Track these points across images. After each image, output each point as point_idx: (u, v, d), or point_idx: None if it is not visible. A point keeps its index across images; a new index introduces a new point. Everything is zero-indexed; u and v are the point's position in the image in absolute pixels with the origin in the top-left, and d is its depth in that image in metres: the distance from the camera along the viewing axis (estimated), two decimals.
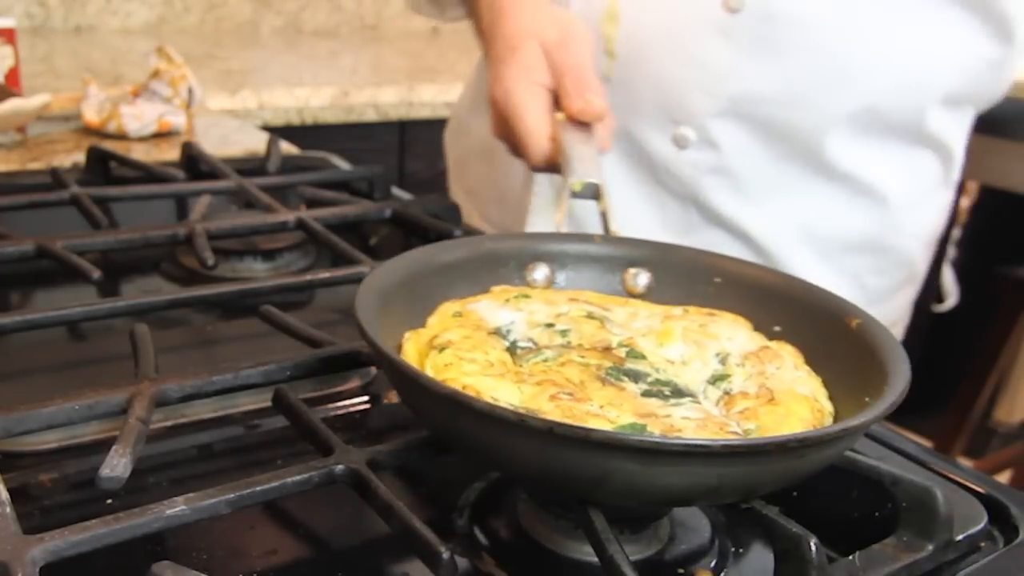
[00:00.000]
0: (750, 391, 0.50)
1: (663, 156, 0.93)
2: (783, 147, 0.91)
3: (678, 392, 0.49)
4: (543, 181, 0.98)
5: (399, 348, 0.51)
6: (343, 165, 1.06)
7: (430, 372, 0.48)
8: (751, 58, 0.88)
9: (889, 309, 1.03)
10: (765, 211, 0.94)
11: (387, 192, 0.97)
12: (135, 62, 1.78)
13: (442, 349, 0.49)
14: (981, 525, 0.48)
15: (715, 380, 0.52)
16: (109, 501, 0.48)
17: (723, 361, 0.53)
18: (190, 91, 1.20)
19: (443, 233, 0.82)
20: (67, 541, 0.39)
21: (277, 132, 1.25)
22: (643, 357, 0.52)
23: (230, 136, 1.21)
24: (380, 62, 2.12)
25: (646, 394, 0.48)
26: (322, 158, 1.08)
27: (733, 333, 0.56)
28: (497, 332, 0.53)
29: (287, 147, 1.10)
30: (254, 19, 2.37)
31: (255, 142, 1.18)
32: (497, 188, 1.08)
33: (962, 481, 0.51)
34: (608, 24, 0.92)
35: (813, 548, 0.40)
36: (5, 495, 0.42)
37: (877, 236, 0.98)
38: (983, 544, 0.48)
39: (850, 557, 0.44)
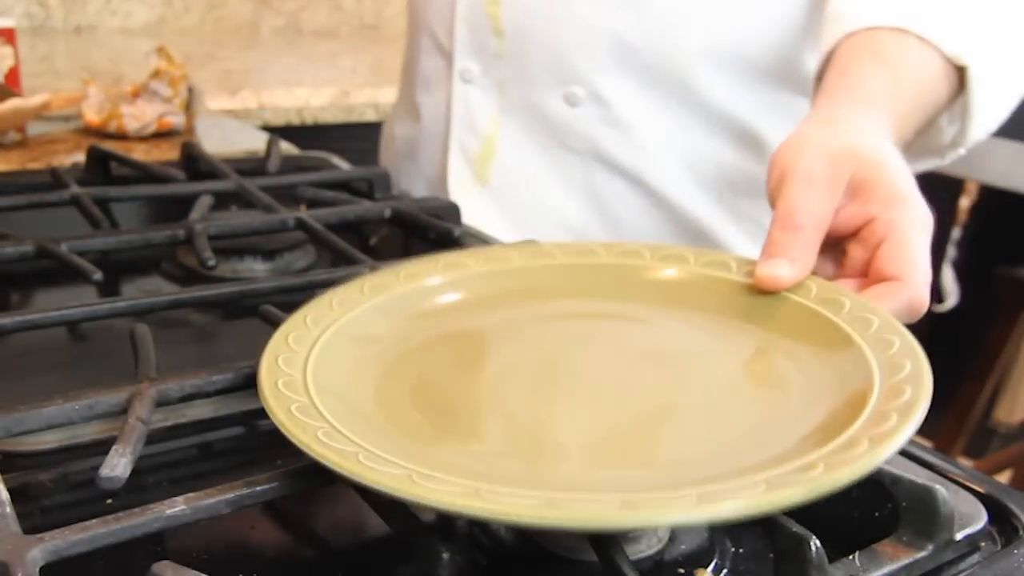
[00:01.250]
0: None
1: (559, 117, 1.00)
2: (662, 92, 0.97)
3: None
4: (457, 169, 1.06)
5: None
6: (343, 165, 1.06)
7: None
8: (616, 9, 0.94)
9: None
10: (658, 159, 1.00)
11: (387, 192, 0.97)
12: (135, 62, 1.77)
13: None
14: (981, 525, 0.48)
15: None
16: (109, 501, 0.48)
17: None
18: (190, 91, 1.20)
19: (443, 233, 0.82)
20: (67, 541, 0.39)
21: (277, 132, 1.25)
22: None
23: (230, 136, 1.21)
24: (380, 62, 2.12)
25: None
26: (322, 158, 1.08)
27: None
28: None
29: (287, 147, 1.10)
30: (254, 19, 2.37)
31: (255, 142, 1.18)
32: (421, 181, 1.15)
33: (962, 481, 0.51)
34: (491, 5, 1.00)
35: (813, 548, 0.40)
36: (5, 495, 0.42)
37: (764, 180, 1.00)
38: (983, 544, 0.48)
39: (850, 557, 0.44)
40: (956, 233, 2.18)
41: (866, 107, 0.69)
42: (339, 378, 0.50)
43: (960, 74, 0.78)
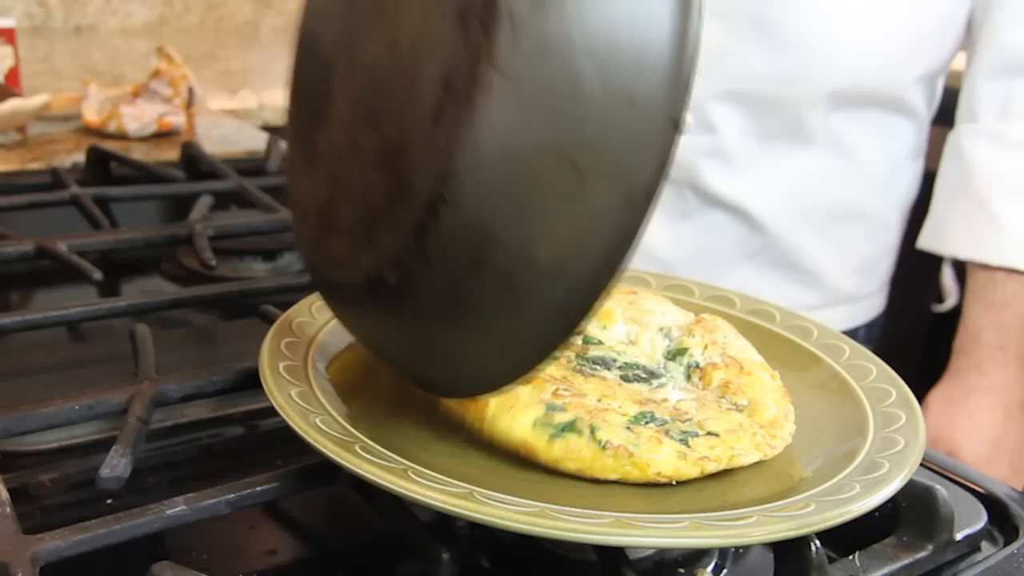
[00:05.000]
0: (716, 362, 0.51)
1: None
2: (772, 123, 0.96)
3: (652, 374, 0.50)
4: None
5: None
6: None
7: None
8: (746, 39, 0.92)
9: (873, 277, 1.09)
10: (758, 187, 0.99)
11: None
12: (135, 62, 1.77)
13: None
14: (981, 525, 0.48)
15: (673, 356, 0.52)
16: (109, 501, 0.48)
17: (668, 335, 0.53)
18: (190, 91, 1.20)
19: None
20: (67, 541, 0.39)
21: (277, 132, 1.25)
22: (600, 342, 0.52)
23: (230, 136, 1.21)
24: None
25: (625, 379, 0.48)
26: None
27: (663, 308, 0.56)
28: None
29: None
30: (254, 19, 2.37)
31: (255, 142, 1.18)
32: None
33: (962, 481, 0.51)
34: None
35: (813, 548, 0.40)
36: (5, 495, 0.42)
37: (860, 203, 1.03)
38: (983, 544, 0.48)
39: (850, 557, 0.44)
40: None
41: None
42: (340, 369, 0.50)
43: None
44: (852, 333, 0.79)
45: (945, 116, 1.05)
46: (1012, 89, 0.94)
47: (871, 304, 1.12)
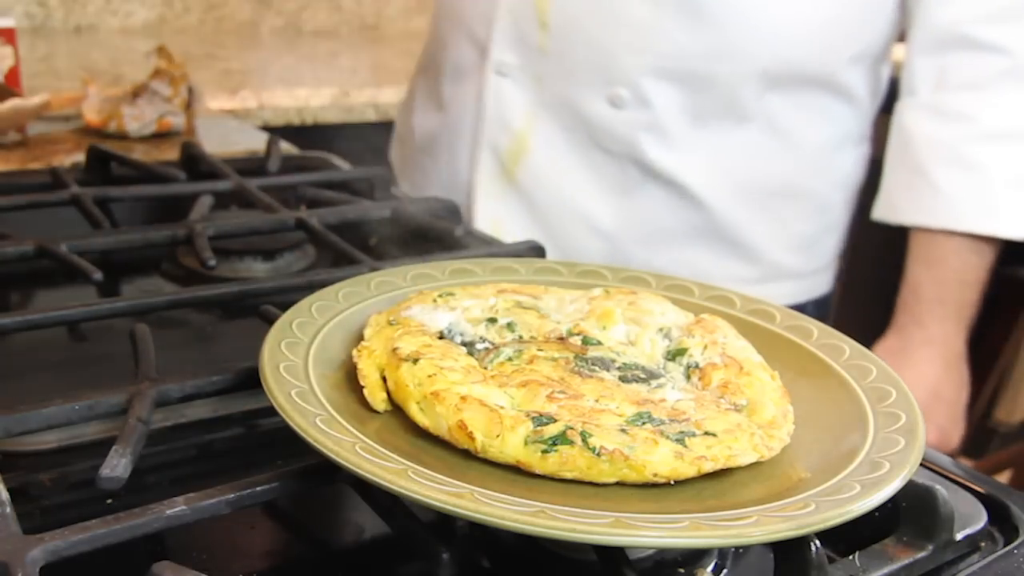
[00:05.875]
0: (716, 362, 0.51)
1: (600, 118, 1.00)
2: (706, 100, 0.99)
3: (651, 374, 0.50)
4: (486, 165, 1.06)
5: (347, 371, 0.50)
6: (343, 165, 1.06)
7: (408, 385, 0.46)
8: (674, 16, 0.95)
9: (816, 255, 1.12)
10: (695, 163, 1.02)
11: (387, 192, 0.97)
12: (135, 62, 1.77)
13: (415, 360, 0.47)
14: (981, 525, 0.48)
15: (673, 356, 0.52)
16: (109, 501, 0.48)
17: (667, 336, 0.53)
18: (190, 91, 1.20)
19: (443, 233, 0.82)
20: (67, 541, 0.39)
21: (277, 132, 1.25)
22: (599, 343, 0.52)
23: (230, 136, 1.21)
24: (380, 62, 2.12)
25: (624, 380, 0.48)
26: (322, 158, 1.08)
27: (663, 308, 0.56)
28: (443, 336, 0.52)
29: (287, 147, 1.10)
30: (254, 19, 2.37)
31: (255, 142, 1.18)
32: (440, 178, 1.15)
33: (962, 481, 0.51)
34: None
35: (813, 548, 0.40)
36: (5, 495, 0.42)
37: (797, 182, 1.06)
38: (983, 544, 0.48)
39: (850, 557, 0.44)
40: None
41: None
42: (340, 369, 0.50)
43: None
44: (800, 308, 0.81)
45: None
46: (945, 62, 0.98)
47: (817, 281, 1.14)
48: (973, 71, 0.96)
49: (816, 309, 1.14)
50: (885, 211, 1.05)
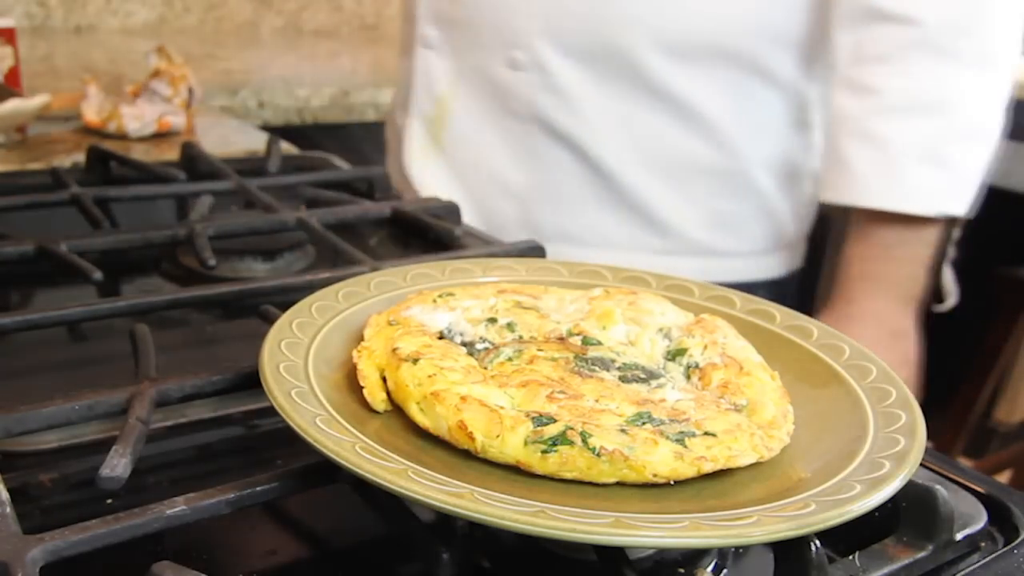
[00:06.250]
0: (716, 362, 0.51)
1: (503, 81, 1.05)
2: (609, 68, 1.01)
3: (651, 374, 0.50)
4: (417, 132, 1.12)
5: (347, 371, 0.50)
6: (343, 165, 1.06)
7: (408, 386, 0.46)
8: None
9: (747, 237, 1.12)
10: (599, 129, 1.04)
11: (387, 192, 0.97)
12: (135, 62, 1.77)
13: (415, 360, 0.47)
14: (981, 525, 0.48)
15: (673, 356, 0.52)
16: (109, 501, 0.48)
17: (667, 336, 0.53)
18: (190, 91, 1.20)
19: (443, 233, 0.82)
20: (67, 541, 0.39)
21: (277, 132, 1.25)
22: (599, 343, 0.52)
23: (230, 136, 1.21)
24: (380, 62, 2.12)
25: (624, 380, 0.48)
26: (322, 158, 1.08)
27: (663, 308, 0.56)
28: (443, 336, 0.52)
29: (287, 147, 1.10)
30: (254, 19, 2.37)
31: (255, 142, 1.18)
32: (394, 150, 1.22)
33: (962, 481, 0.51)
34: None
35: (813, 548, 0.40)
36: (5, 495, 0.42)
37: (715, 161, 1.07)
38: (983, 544, 0.48)
39: (850, 557, 0.44)
40: (956, 233, 2.19)
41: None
42: (340, 369, 0.50)
43: None
44: (739, 287, 0.79)
45: None
46: (860, 36, 0.97)
47: (760, 264, 1.14)
48: (884, 43, 0.95)
49: (769, 292, 1.12)
50: (819, 191, 1.05)
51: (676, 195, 1.06)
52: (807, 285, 1.21)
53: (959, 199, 0.97)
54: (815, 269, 1.22)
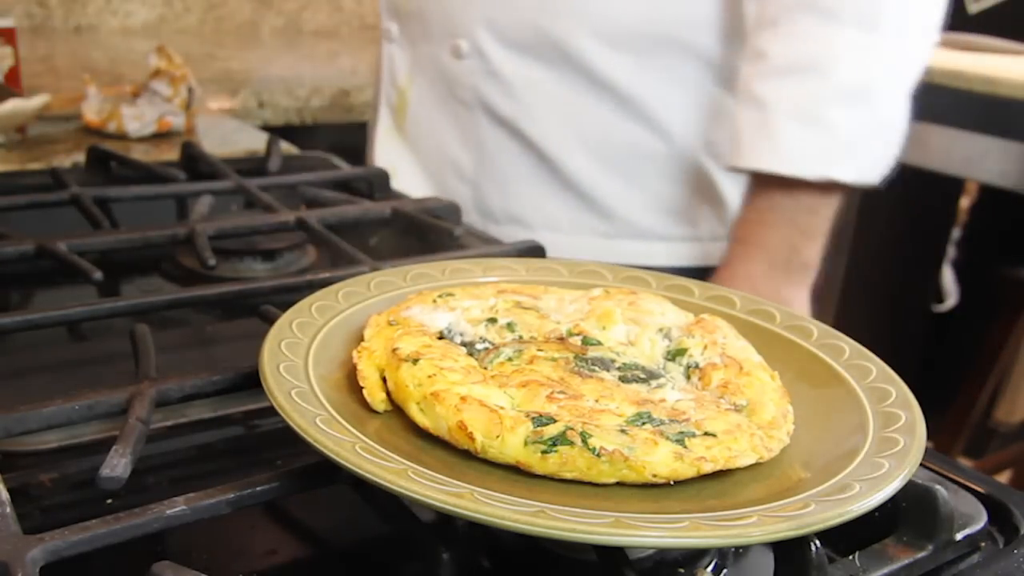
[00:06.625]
0: (716, 362, 0.51)
1: (449, 69, 1.09)
2: (544, 56, 1.04)
3: (651, 374, 0.50)
4: (383, 120, 1.17)
5: (347, 371, 0.50)
6: (343, 165, 1.06)
7: (408, 386, 0.46)
8: None
9: (695, 224, 1.11)
10: (540, 116, 1.06)
11: (387, 192, 0.97)
12: (135, 62, 1.77)
13: (415, 361, 0.47)
14: (981, 525, 0.48)
15: (673, 356, 0.52)
16: (109, 501, 0.48)
17: (667, 336, 0.53)
18: (190, 91, 1.20)
19: (443, 233, 0.82)
20: (67, 541, 0.39)
21: (277, 132, 1.25)
22: (599, 343, 0.52)
23: (230, 136, 1.21)
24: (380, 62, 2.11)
25: (624, 380, 0.48)
26: (322, 158, 1.08)
27: (663, 308, 0.56)
28: (443, 336, 0.52)
29: (287, 147, 1.10)
30: (254, 19, 2.37)
31: (255, 142, 1.18)
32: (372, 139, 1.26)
33: (962, 481, 0.51)
34: None
35: (813, 548, 0.40)
36: (5, 495, 0.42)
37: (656, 146, 1.08)
38: (983, 544, 0.48)
39: (850, 557, 0.44)
40: (956, 233, 2.19)
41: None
42: (340, 369, 0.50)
43: None
44: (690, 273, 0.76)
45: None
46: (760, 3, 0.97)
47: (696, 249, 1.13)
48: (774, 7, 0.95)
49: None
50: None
51: (619, 180, 1.07)
52: None
53: (841, 163, 0.93)
54: None
